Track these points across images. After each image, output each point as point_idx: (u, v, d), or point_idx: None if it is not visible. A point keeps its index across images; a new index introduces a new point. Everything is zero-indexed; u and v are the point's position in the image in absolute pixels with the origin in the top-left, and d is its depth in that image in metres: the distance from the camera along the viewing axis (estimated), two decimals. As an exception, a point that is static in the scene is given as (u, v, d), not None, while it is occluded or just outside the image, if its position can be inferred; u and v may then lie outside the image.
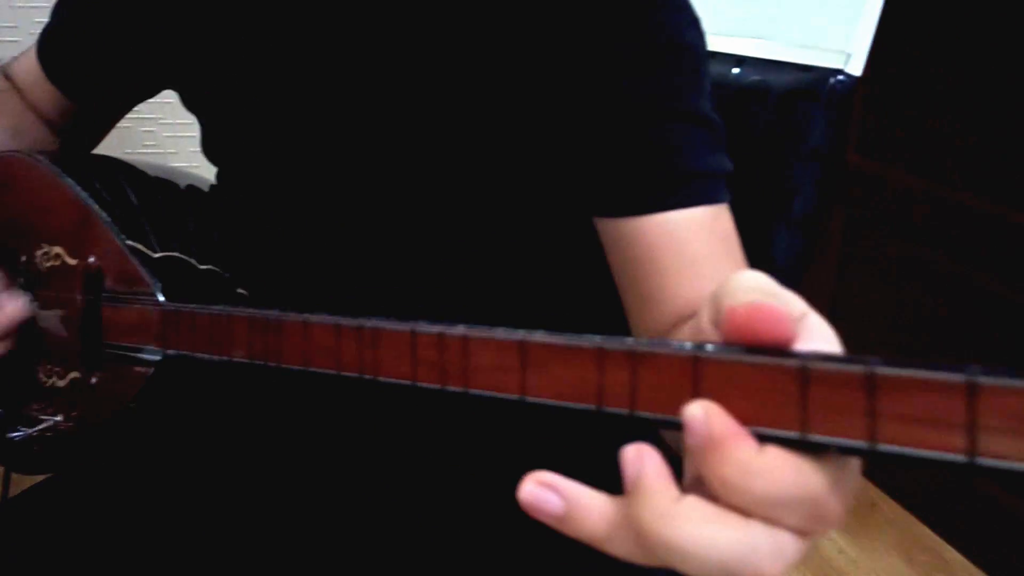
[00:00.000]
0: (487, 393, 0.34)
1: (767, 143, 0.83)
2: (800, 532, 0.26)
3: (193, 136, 0.70)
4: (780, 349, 0.27)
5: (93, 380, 0.58)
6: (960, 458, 0.23)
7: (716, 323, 0.29)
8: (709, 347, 0.28)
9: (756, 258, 0.84)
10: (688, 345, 0.28)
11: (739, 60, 0.86)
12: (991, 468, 0.23)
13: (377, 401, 0.64)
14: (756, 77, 0.84)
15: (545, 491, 0.29)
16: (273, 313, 0.43)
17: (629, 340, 0.30)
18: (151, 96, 0.74)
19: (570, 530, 0.29)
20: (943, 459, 0.24)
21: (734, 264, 0.57)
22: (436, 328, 0.35)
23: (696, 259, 0.54)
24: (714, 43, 0.89)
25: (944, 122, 1.72)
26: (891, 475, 1.89)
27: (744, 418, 0.27)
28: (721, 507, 0.26)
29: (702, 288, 0.54)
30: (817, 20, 0.78)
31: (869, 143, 1.92)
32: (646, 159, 0.55)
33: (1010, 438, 0.22)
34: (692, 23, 0.58)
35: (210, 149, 0.68)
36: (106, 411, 0.57)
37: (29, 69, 0.73)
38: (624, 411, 0.30)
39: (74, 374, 0.60)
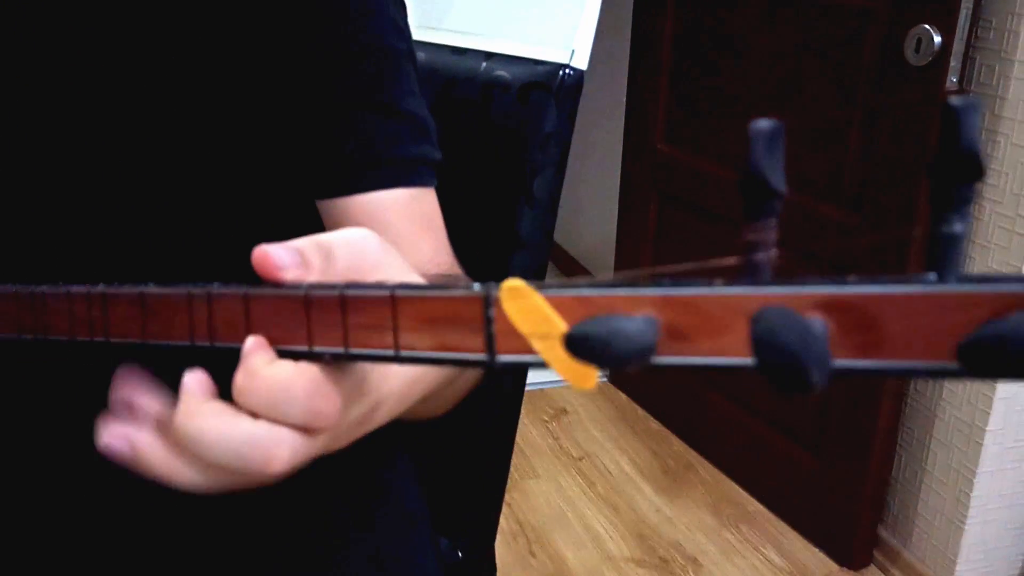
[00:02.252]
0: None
1: (510, 130, 0.91)
2: (303, 428, 0.33)
3: None
4: (283, 282, 0.34)
5: None
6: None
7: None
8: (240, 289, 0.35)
9: (503, 234, 0.92)
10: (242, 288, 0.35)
11: (487, 55, 0.94)
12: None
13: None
14: (501, 71, 0.92)
15: (118, 440, 0.35)
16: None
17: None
18: None
19: (143, 467, 0.35)
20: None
21: (433, 241, 0.64)
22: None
23: (393, 237, 0.61)
24: (466, 41, 0.97)
25: (732, 110, 1.86)
26: (706, 439, 2.04)
27: (272, 339, 0.34)
28: (237, 407, 0.33)
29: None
30: (547, 20, 0.87)
31: (673, 132, 2.06)
32: (344, 147, 0.61)
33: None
34: (395, 29, 0.65)
35: None
36: None
37: None
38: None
39: None
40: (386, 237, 0.61)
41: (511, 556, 1.66)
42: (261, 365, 0.33)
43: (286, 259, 0.34)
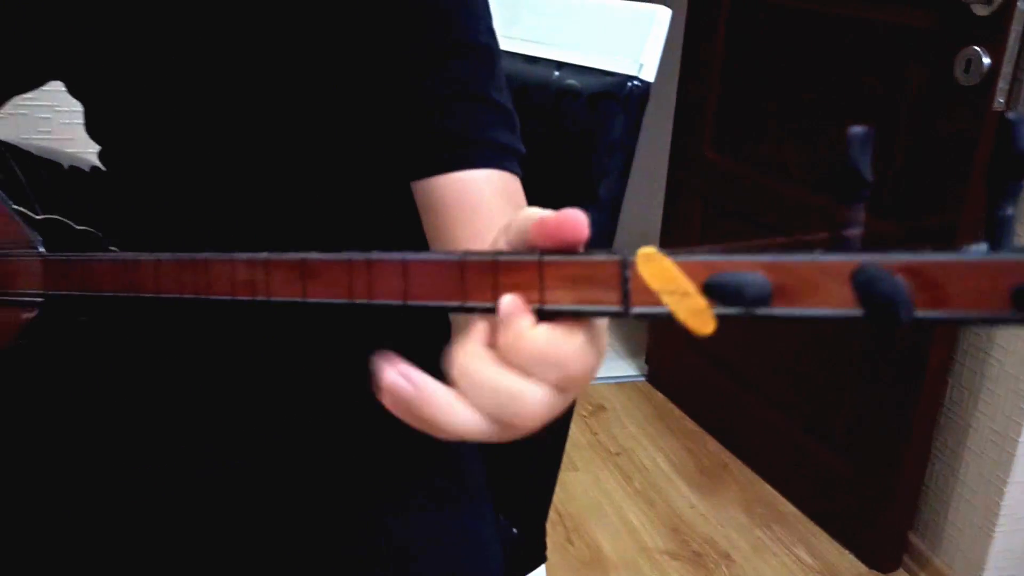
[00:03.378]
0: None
1: (579, 136, 0.98)
2: (559, 387, 0.37)
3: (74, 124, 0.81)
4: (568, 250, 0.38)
5: (-14, 324, 0.69)
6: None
7: (514, 243, 0.40)
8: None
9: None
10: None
11: (559, 65, 1.01)
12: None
13: (226, 324, 0.77)
14: (572, 80, 0.99)
15: (401, 378, 0.38)
16: (131, 255, 0.55)
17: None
18: (38, 86, 0.85)
19: (422, 406, 0.37)
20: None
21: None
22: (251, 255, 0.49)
23: (484, 212, 0.67)
24: (539, 50, 1.04)
25: (780, 122, 1.92)
26: (741, 441, 2.10)
27: (426, 295, 0.42)
28: (505, 363, 0.37)
29: (490, 238, 0.68)
30: (617, 33, 0.94)
31: (721, 141, 2.12)
32: (441, 130, 0.68)
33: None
34: (487, 30, 0.73)
35: (93, 129, 0.80)
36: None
37: None
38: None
39: (-31, 320, 0.71)
40: (479, 212, 0.70)
41: (550, 542, 1.72)
42: (526, 328, 0.37)
43: (583, 220, 0.38)
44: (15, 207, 0.67)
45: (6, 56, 0.81)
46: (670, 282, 0.36)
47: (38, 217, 0.67)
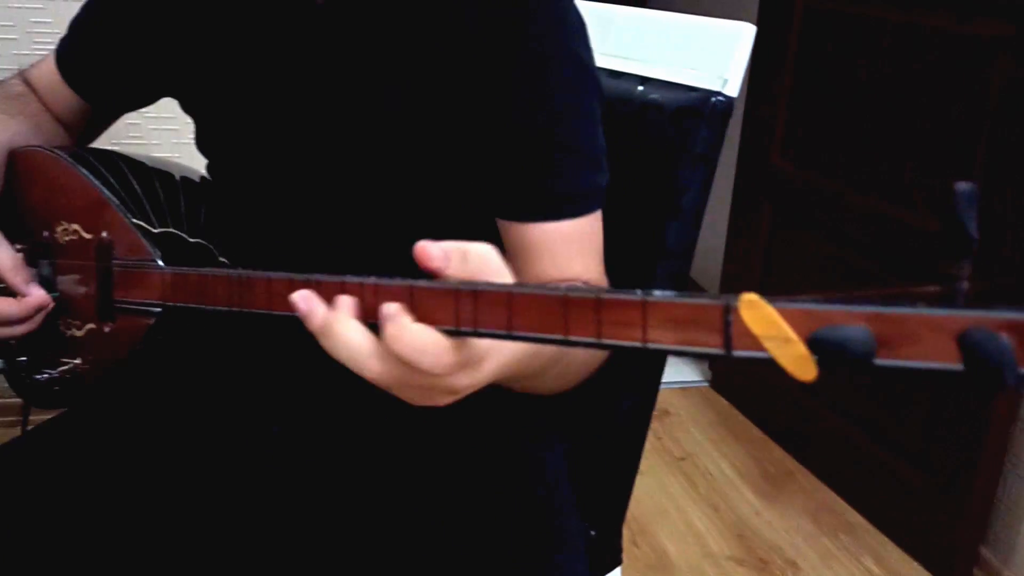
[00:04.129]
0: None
1: (662, 150, 0.99)
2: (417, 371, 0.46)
3: (174, 129, 0.87)
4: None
5: (107, 329, 0.74)
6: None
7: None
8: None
9: (651, 244, 1.01)
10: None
11: (643, 80, 1.03)
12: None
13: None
14: (655, 95, 1.01)
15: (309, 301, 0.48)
16: (245, 272, 0.59)
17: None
18: (152, 102, 0.90)
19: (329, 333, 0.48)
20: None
21: (584, 261, 0.75)
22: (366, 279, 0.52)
23: (549, 258, 0.73)
24: (622, 65, 1.06)
25: (850, 132, 1.90)
26: (807, 448, 2.09)
27: (528, 327, 0.45)
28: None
29: (555, 276, 0.73)
30: (702, 49, 0.95)
31: (790, 149, 2.11)
32: (530, 182, 0.73)
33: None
34: (589, 81, 0.75)
35: (203, 144, 0.85)
36: (119, 353, 0.73)
37: (47, 75, 0.89)
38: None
39: (90, 325, 0.76)
40: (544, 258, 0.74)
41: (616, 545, 1.75)
42: (407, 323, 0.46)
43: (435, 254, 0.45)
44: (134, 221, 0.72)
45: (129, 75, 0.86)
46: (772, 328, 0.38)
47: (156, 231, 0.72)
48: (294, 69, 0.77)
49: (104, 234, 0.74)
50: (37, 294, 0.75)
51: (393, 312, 0.47)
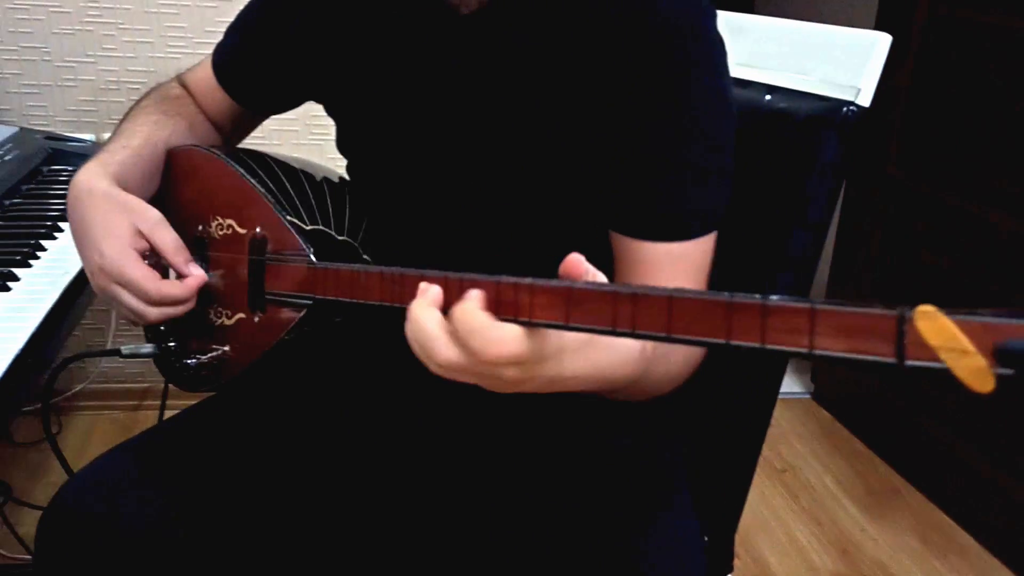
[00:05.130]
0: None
1: (789, 159, 0.99)
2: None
3: (295, 131, 0.92)
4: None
5: (256, 319, 0.78)
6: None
7: None
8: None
9: (774, 253, 1.00)
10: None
11: (770, 89, 1.02)
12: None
13: None
14: (784, 104, 1.00)
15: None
16: (397, 268, 0.61)
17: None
18: (298, 106, 0.95)
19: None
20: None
21: (689, 279, 0.76)
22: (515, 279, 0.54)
23: (663, 273, 0.75)
24: (750, 74, 1.06)
25: (973, 143, 1.85)
26: (915, 465, 2.03)
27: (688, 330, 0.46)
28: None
29: None
30: (835, 58, 0.95)
31: (908, 160, 2.06)
32: (654, 204, 0.75)
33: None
34: (727, 108, 0.77)
35: (344, 145, 0.89)
36: (267, 342, 0.77)
37: (203, 79, 0.94)
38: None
39: (240, 315, 0.80)
40: (651, 273, 0.77)
41: (716, 554, 1.74)
42: (473, 307, 0.51)
43: (585, 269, 0.51)
44: (289, 219, 0.76)
45: (281, 81, 0.91)
46: (949, 340, 0.38)
47: (308, 228, 0.76)
48: (436, 76, 0.80)
49: (258, 229, 0.78)
50: (197, 274, 0.79)
51: (470, 296, 0.52)
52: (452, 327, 0.51)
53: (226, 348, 0.82)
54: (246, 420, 0.87)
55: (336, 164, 0.93)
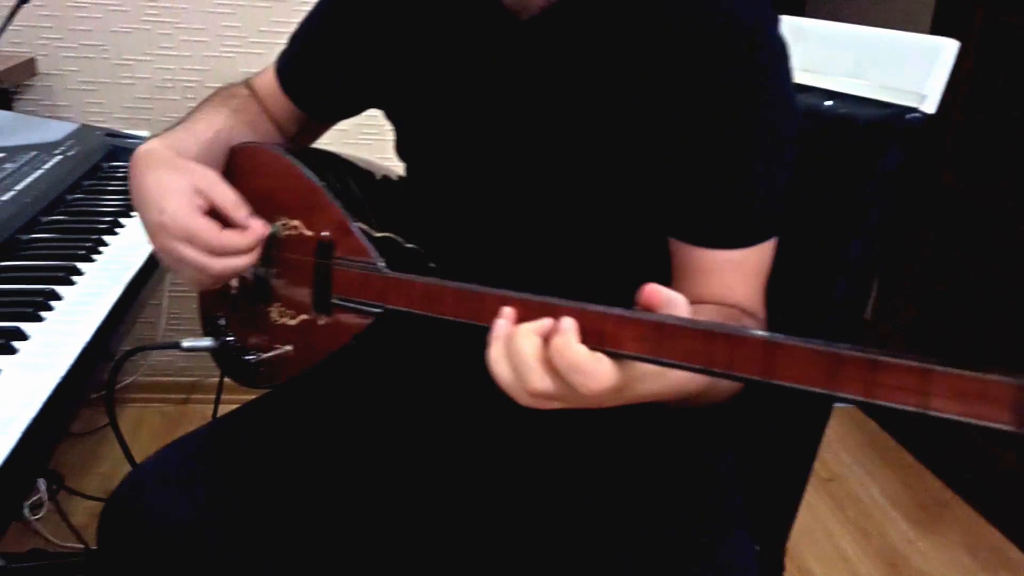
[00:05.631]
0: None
1: (850, 165, 0.98)
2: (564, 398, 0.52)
3: (343, 130, 0.94)
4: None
5: (321, 322, 0.79)
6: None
7: None
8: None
9: (833, 259, 0.99)
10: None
11: (830, 95, 1.01)
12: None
13: None
14: (844, 110, 0.99)
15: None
16: (475, 286, 0.61)
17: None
18: (360, 112, 0.96)
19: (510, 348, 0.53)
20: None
21: (746, 289, 0.76)
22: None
23: (716, 280, 0.75)
24: (810, 79, 1.04)
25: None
26: (965, 479, 2.00)
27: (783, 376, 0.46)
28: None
29: (719, 296, 0.75)
30: (899, 64, 0.94)
31: (962, 168, 2.02)
32: (714, 212, 0.75)
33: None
34: (792, 121, 0.76)
35: (404, 150, 0.90)
36: (330, 346, 0.78)
37: (268, 84, 0.96)
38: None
39: (304, 316, 0.81)
40: (710, 279, 0.77)
41: (760, 562, 1.72)
42: (573, 341, 0.51)
43: (663, 299, 0.52)
44: (357, 224, 0.76)
45: (343, 88, 0.92)
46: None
47: (377, 235, 0.76)
48: (496, 82, 0.80)
49: (325, 233, 0.79)
50: (257, 225, 0.78)
51: (566, 327, 0.52)
52: (549, 358, 0.52)
53: (289, 348, 0.83)
54: (302, 421, 0.88)
55: (390, 165, 0.94)
